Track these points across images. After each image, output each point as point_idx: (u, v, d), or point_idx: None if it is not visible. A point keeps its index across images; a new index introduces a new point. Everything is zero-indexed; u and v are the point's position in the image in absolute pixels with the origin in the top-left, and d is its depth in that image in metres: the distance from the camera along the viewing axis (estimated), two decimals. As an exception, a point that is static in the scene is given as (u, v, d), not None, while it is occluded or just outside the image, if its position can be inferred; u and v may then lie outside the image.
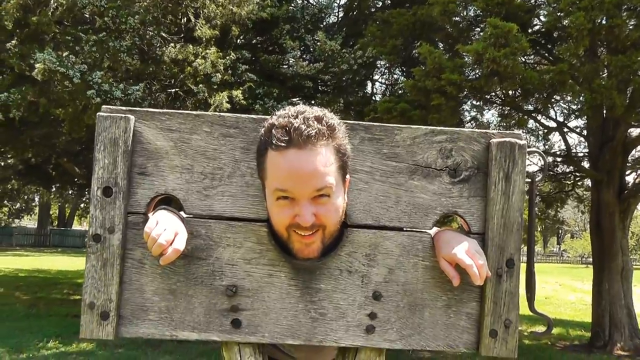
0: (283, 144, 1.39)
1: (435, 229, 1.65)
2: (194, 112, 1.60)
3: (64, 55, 7.85)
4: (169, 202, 1.69)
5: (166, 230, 1.45)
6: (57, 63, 7.49)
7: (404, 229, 1.61)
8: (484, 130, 1.66)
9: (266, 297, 1.56)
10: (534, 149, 1.75)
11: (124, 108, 1.59)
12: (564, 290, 23.45)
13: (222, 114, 1.61)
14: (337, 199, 1.47)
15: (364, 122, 1.63)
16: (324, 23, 12.64)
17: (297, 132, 1.38)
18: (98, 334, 1.51)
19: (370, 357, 1.61)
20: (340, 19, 13.73)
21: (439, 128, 1.63)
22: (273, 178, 1.43)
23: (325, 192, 1.43)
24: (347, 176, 1.52)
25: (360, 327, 1.57)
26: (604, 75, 8.25)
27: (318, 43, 10.39)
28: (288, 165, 1.40)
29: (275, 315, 1.56)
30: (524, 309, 1.68)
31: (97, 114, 1.56)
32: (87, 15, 8.74)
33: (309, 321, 1.56)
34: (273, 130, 1.41)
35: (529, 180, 1.66)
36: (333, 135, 1.44)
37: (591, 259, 11.60)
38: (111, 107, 1.59)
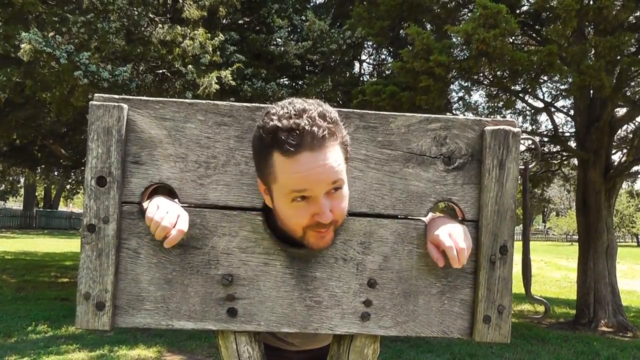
0: (294, 149, 1.36)
1: (430, 216, 1.66)
2: (188, 100, 1.59)
3: (49, 35, 7.73)
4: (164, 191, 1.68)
5: (168, 212, 1.47)
6: (44, 43, 7.38)
7: (399, 216, 1.61)
8: (478, 118, 1.67)
9: (262, 286, 1.57)
10: (528, 136, 1.76)
11: (117, 97, 1.57)
12: (549, 268, 23.74)
13: (216, 102, 1.59)
14: (345, 190, 1.49)
15: (359, 110, 1.62)
16: (312, 3, 12.52)
17: (309, 135, 1.35)
18: (94, 325, 1.51)
19: (365, 344, 1.63)
20: (328, -1, 13.56)
21: (433, 116, 1.64)
22: (287, 181, 1.41)
23: (337, 186, 1.44)
24: None
25: (355, 314, 1.58)
26: (591, 55, 8.27)
27: (306, 23, 10.31)
28: (303, 168, 1.38)
29: (270, 304, 1.57)
30: (514, 289, 1.70)
31: (90, 102, 1.54)
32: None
33: (304, 309, 1.57)
34: (280, 134, 1.36)
35: (523, 167, 1.66)
36: (338, 129, 1.42)
37: (576, 237, 11.74)
38: (104, 95, 1.57)
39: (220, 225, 1.56)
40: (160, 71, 8.86)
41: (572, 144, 11.89)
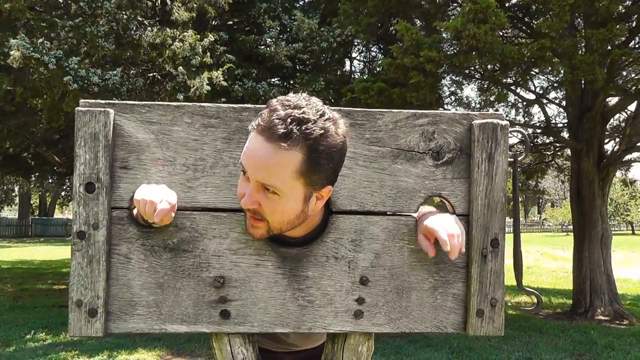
0: (257, 129, 1.40)
1: (420, 210, 1.65)
2: (174, 104, 1.59)
3: (38, 41, 7.71)
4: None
5: (156, 190, 1.48)
6: (32, 49, 7.35)
7: (389, 213, 1.61)
8: (466, 112, 1.67)
9: (254, 287, 1.56)
10: (517, 128, 1.76)
11: (102, 102, 1.57)
12: (545, 258, 23.79)
13: (202, 104, 1.59)
14: (288, 203, 1.45)
15: (346, 108, 1.62)
16: (301, 2, 12.51)
17: (271, 125, 1.36)
18: (87, 332, 1.51)
19: (359, 342, 1.63)
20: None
21: (420, 111, 1.63)
22: (243, 149, 1.46)
23: (272, 189, 1.42)
24: (328, 186, 1.48)
25: (348, 312, 1.58)
26: (582, 47, 8.28)
27: (295, 22, 10.29)
28: (251, 146, 1.41)
29: (263, 305, 1.56)
30: (509, 281, 1.70)
31: (76, 109, 1.54)
32: (60, 0, 8.57)
33: (297, 309, 1.57)
34: (263, 111, 1.41)
35: (512, 160, 1.66)
36: (306, 143, 1.37)
37: (572, 227, 11.76)
38: (90, 100, 1.56)
39: (211, 228, 1.56)
40: (151, 74, 8.84)
41: (565, 134, 11.90)
